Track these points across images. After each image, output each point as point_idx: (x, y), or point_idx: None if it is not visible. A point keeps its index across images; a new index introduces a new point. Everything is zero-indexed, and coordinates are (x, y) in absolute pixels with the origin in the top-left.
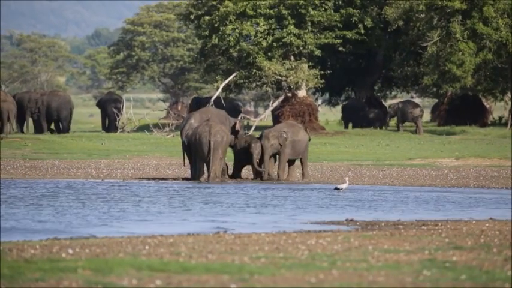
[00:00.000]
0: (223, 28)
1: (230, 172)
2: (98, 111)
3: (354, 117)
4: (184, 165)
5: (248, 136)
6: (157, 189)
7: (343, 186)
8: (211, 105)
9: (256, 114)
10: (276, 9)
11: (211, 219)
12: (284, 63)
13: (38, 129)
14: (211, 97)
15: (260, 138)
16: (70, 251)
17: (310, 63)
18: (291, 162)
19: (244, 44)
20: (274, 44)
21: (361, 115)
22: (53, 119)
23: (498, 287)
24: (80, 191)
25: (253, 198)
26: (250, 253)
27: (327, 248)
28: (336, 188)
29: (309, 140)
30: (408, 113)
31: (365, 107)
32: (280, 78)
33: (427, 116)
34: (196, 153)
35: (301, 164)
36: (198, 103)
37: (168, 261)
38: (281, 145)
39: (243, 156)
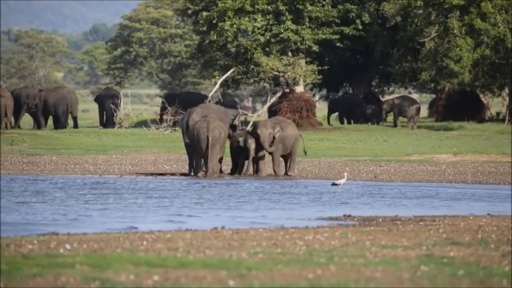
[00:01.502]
0: (222, 24)
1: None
2: (94, 106)
3: (348, 113)
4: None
5: (243, 132)
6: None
7: (341, 181)
8: (209, 101)
9: (254, 110)
10: (273, 5)
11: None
12: (282, 58)
13: (37, 125)
14: (188, 92)
15: (253, 133)
16: (68, 246)
17: (308, 59)
18: (285, 158)
19: (242, 40)
20: (272, 40)
21: (358, 111)
22: (51, 114)
23: (495, 282)
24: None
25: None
26: (248, 249)
27: (324, 244)
28: (334, 184)
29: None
30: (404, 110)
31: (361, 103)
32: (277, 73)
33: (424, 111)
34: (194, 149)
35: (289, 158)
36: (174, 98)
37: (165, 256)
38: (274, 137)
39: (238, 152)
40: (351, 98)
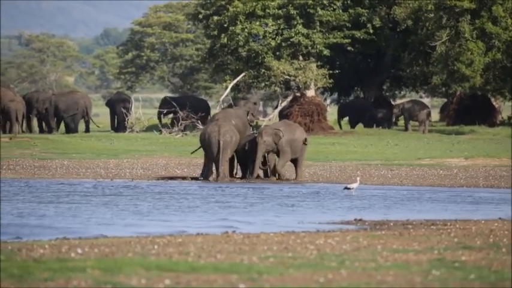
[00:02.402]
0: (233, 28)
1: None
2: (103, 110)
3: (358, 117)
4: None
5: (251, 135)
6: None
7: (354, 185)
8: (221, 106)
9: (265, 114)
10: (284, 9)
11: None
12: (293, 63)
13: (48, 129)
14: (186, 96)
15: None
16: (79, 250)
17: (319, 63)
18: (294, 162)
19: (253, 44)
20: (283, 44)
21: (367, 115)
22: (61, 119)
23: (507, 286)
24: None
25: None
26: (259, 253)
27: (335, 248)
28: (346, 188)
29: (305, 140)
30: (414, 114)
31: (371, 107)
32: (288, 77)
33: (436, 115)
34: (205, 153)
35: (296, 163)
36: (169, 103)
37: (176, 261)
38: (276, 143)
39: (246, 156)
40: (361, 102)
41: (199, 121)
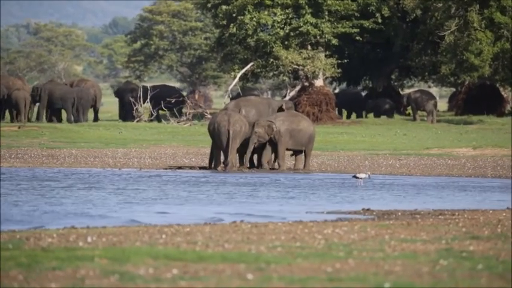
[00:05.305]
0: (241, 17)
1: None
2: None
3: (350, 108)
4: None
5: None
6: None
7: (362, 175)
8: (229, 96)
9: None
10: None
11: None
12: (301, 52)
13: (39, 118)
14: (162, 85)
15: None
16: (87, 239)
17: (327, 53)
18: (297, 152)
19: (262, 34)
20: (292, 33)
21: (358, 106)
22: (57, 108)
23: None
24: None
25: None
26: (267, 242)
27: (343, 238)
28: (355, 177)
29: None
30: (422, 104)
31: (362, 98)
32: (297, 67)
33: (444, 105)
34: (214, 142)
35: (305, 154)
36: (146, 92)
37: (184, 250)
38: (268, 135)
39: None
40: (353, 93)
41: (207, 111)
